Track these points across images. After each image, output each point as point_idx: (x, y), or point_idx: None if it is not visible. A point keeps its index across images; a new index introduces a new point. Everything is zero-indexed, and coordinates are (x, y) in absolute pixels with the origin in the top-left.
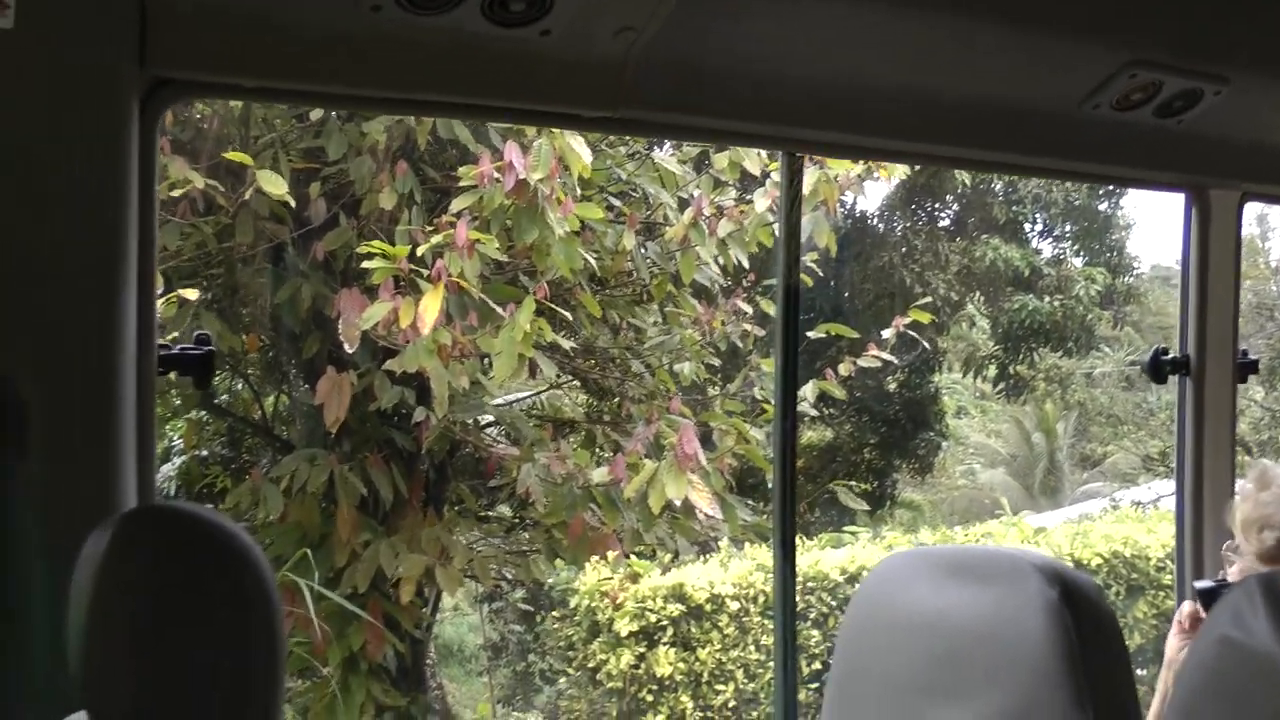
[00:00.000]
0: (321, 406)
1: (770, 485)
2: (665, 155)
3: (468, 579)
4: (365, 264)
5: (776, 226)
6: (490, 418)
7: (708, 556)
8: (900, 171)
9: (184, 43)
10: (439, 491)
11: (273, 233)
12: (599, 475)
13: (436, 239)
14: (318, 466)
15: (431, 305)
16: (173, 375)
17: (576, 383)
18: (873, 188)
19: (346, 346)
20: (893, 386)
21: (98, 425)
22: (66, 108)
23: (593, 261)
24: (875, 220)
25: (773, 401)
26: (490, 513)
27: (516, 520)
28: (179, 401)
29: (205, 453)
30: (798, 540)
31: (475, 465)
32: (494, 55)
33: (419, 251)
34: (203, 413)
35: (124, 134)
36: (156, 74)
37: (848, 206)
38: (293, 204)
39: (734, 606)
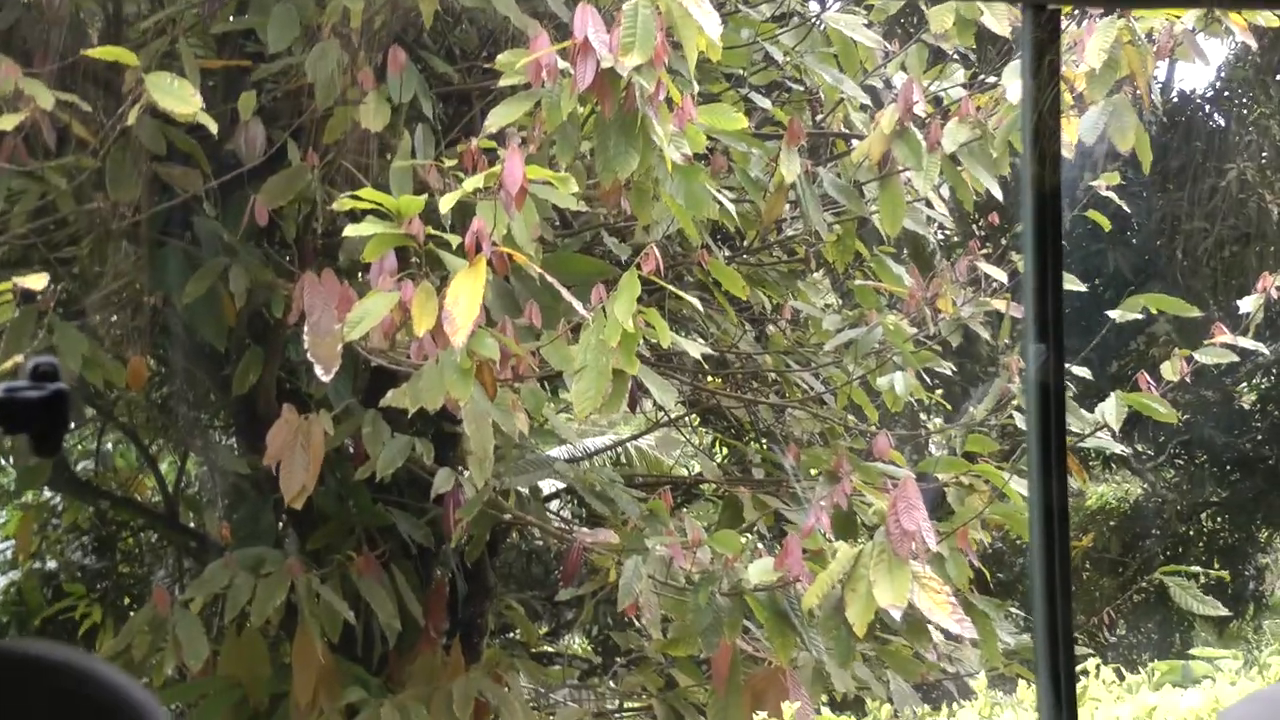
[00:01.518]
0: (275, 471)
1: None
2: (839, 12)
3: None
4: (349, 230)
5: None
6: (556, 483)
7: (953, 707)
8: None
9: None
10: (474, 611)
11: (174, 181)
12: (759, 572)
13: (475, 181)
14: (267, 579)
15: (469, 292)
16: None
17: (695, 414)
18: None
19: (319, 371)
20: (1250, 399)
21: None
22: None
23: (730, 205)
24: (1209, 108)
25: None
26: (553, 647)
27: (602, 656)
28: (7, 478)
29: (53, 564)
30: (1113, 673)
31: (529, 563)
32: None
33: (443, 207)
34: (50, 493)
35: None
36: None
37: (1161, 85)
38: (213, 128)
39: None
